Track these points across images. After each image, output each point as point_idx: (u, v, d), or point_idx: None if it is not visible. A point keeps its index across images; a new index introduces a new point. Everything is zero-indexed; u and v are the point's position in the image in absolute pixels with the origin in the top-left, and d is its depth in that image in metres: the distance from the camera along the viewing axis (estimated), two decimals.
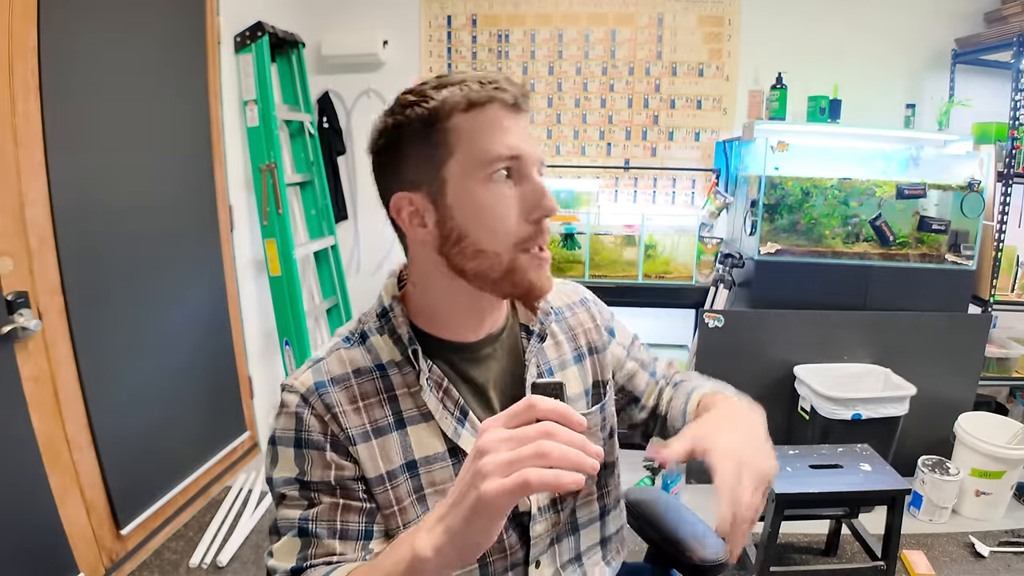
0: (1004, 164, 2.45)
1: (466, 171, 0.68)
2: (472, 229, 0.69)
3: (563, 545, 0.84)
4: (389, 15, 3.01)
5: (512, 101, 0.68)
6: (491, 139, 0.67)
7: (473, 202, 0.68)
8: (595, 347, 0.90)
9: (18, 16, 1.53)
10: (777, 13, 2.87)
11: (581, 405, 0.86)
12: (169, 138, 2.13)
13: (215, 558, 1.99)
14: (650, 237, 2.80)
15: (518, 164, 0.69)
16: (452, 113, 0.68)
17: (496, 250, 0.69)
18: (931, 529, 2.21)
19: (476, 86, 0.68)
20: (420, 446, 0.73)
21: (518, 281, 0.70)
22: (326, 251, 3.01)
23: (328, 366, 0.74)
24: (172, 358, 2.14)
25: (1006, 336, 2.73)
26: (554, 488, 0.48)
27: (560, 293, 0.91)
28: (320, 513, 0.69)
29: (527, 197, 0.69)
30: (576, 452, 0.49)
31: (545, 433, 0.50)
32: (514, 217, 0.69)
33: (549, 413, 0.51)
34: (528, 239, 0.69)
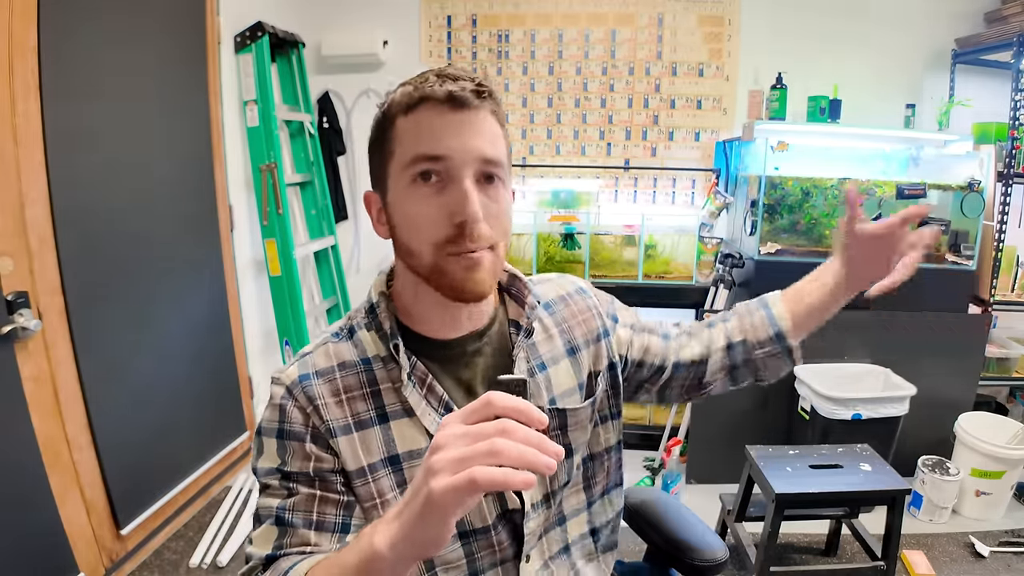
0: (1004, 164, 2.45)
1: (396, 173, 0.70)
2: (403, 231, 0.71)
3: (550, 536, 0.84)
4: (389, 15, 3.01)
5: (445, 96, 0.66)
6: (415, 141, 0.67)
7: (399, 204, 0.70)
8: (591, 337, 0.88)
9: (18, 16, 1.53)
10: (777, 13, 2.87)
11: (574, 399, 0.84)
12: (169, 138, 2.13)
13: (215, 558, 1.99)
14: (650, 237, 2.80)
15: (443, 165, 0.67)
16: (396, 115, 0.69)
17: (419, 250, 0.69)
18: (931, 529, 2.21)
19: (410, 87, 0.68)
20: (403, 441, 0.74)
21: (445, 282, 0.69)
22: (326, 251, 3.01)
23: (314, 359, 0.75)
24: (172, 358, 2.14)
25: (1006, 336, 2.73)
26: (503, 487, 0.47)
27: (554, 286, 0.90)
28: (297, 503, 0.70)
29: (450, 202, 0.67)
30: (531, 451, 0.48)
31: (501, 431, 0.49)
32: (433, 220, 0.67)
33: (508, 410, 0.50)
34: (449, 241, 0.68)
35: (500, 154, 0.70)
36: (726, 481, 2.40)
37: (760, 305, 0.93)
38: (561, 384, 0.83)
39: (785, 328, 0.89)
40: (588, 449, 0.88)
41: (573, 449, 0.84)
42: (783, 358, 0.91)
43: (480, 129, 0.68)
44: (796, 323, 0.90)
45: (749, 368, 0.92)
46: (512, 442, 0.48)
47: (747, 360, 0.92)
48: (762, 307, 0.92)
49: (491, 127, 0.69)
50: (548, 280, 0.91)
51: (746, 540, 1.90)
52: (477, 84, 0.68)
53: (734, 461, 2.04)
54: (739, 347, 0.91)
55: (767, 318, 0.90)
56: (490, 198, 0.69)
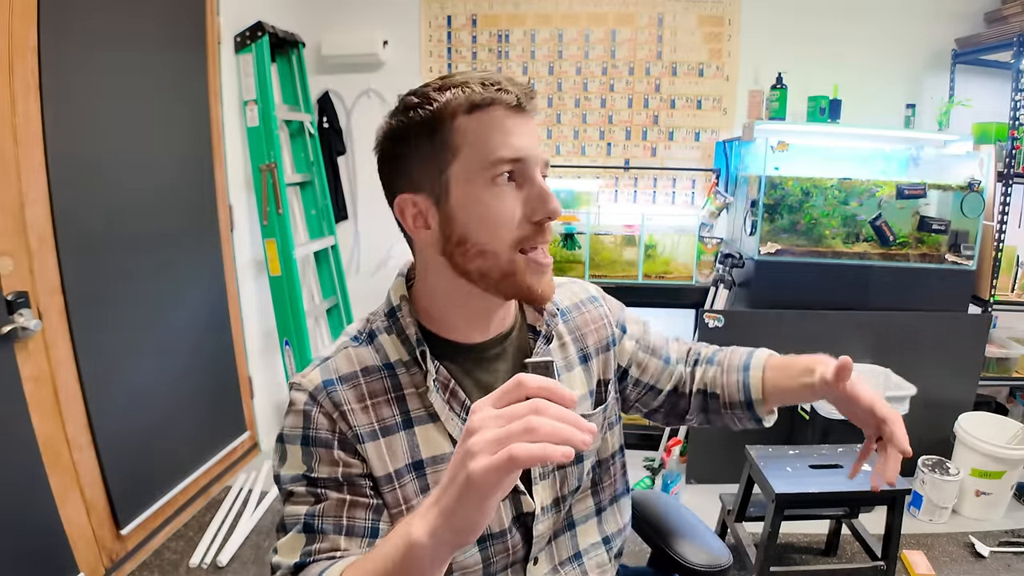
0: (1004, 164, 2.45)
1: (469, 174, 0.68)
2: (474, 231, 0.69)
3: (560, 542, 0.84)
4: (389, 15, 3.00)
5: (515, 102, 0.68)
6: (494, 141, 0.67)
7: (476, 205, 0.69)
8: (601, 346, 0.89)
9: (18, 16, 1.53)
10: (777, 13, 2.87)
11: (585, 407, 0.85)
12: (169, 138, 2.13)
13: (215, 558, 1.99)
14: (650, 237, 2.80)
15: (521, 166, 0.69)
16: (455, 115, 0.68)
17: (496, 250, 0.69)
18: (931, 529, 2.21)
19: (478, 87, 0.67)
20: (428, 446, 0.74)
21: (517, 284, 0.70)
22: (326, 251, 3.01)
23: (336, 364, 0.74)
24: (172, 358, 2.14)
25: (1006, 336, 2.73)
26: (542, 460, 0.47)
27: (568, 292, 0.91)
28: (326, 509, 0.69)
29: (530, 199, 0.69)
30: (565, 427, 0.49)
31: (534, 410, 0.49)
32: (516, 219, 0.69)
33: (539, 390, 0.51)
34: (527, 239, 0.70)
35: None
36: (726, 481, 2.40)
37: (741, 367, 0.93)
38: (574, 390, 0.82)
39: (755, 398, 0.90)
40: (597, 455, 0.89)
41: (584, 456, 0.84)
42: (751, 422, 0.93)
43: (534, 132, 0.72)
44: (770, 397, 0.90)
45: (721, 419, 0.95)
46: (546, 419, 0.49)
47: (718, 413, 0.94)
48: (742, 370, 0.92)
49: (537, 130, 0.73)
50: (561, 285, 0.91)
51: (746, 540, 1.90)
52: (530, 91, 0.71)
53: (734, 461, 2.04)
54: (712, 400, 0.94)
55: (741, 384, 0.91)
56: None
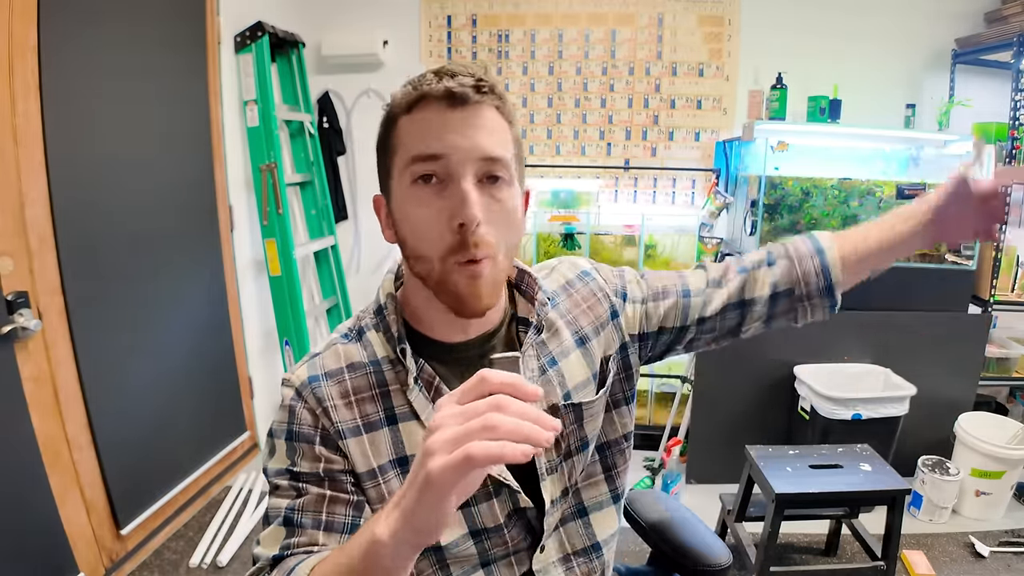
0: (1004, 164, 2.45)
1: (398, 174, 0.68)
2: (406, 235, 0.69)
3: (569, 529, 0.82)
4: (389, 15, 3.00)
5: (443, 93, 0.64)
6: (414, 140, 0.65)
7: (402, 207, 0.68)
8: (600, 322, 0.84)
9: (18, 16, 1.53)
10: (777, 13, 2.87)
11: (588, 392, 0.81)
12: (169, 138, 2.13)
13: (215, 558, 1.99)
14: (650, 237, 2.80)
15: (442, 164, 0.64)
16: (398, 116, 0.68)
17: (427, 256, 0.67)
18: (931, 529, 2.21)
19: (410, 87, 0.66)
20: (412, 443, 0.73)
21: (449, 292, 0.67)
22: (326, 251, 3.01)
23: (323, 360, 0.75)
24: (172, 358, 2.14)
25: (1006, 336, 2.73)
26: (499, 460, 0.46)
27: (556, 276, 0.86)
28: (306, 504, 0.70)
29: (450, 205, 0.64)
30: (527, 424, 0.47)
31: (494, 406, 0.48)
32: (434, 225, 0.65)
33: (501, 386, 0.49)
34: (452, 250, 0.65)
35: (503, 152, 0.66)
36: (726, 481, 2.40)
37: (813, 250, 0.85)
38: (574, 377, 0.80)
39: (836, 279, 0.84)
40: (604, 436, 0.85)
41: (589, 441, 0.82)
42: (827, 311, 0.87)
43: (481, 126, 0.65)
44: (848, 271, 0.84)
45: (788, 317, 0.87)
46: (507, 416, 0.47)
47: (790, 309, 0.86)
48: (816, 252, 0.85)
49: (494, 123, 0.66)
50: (552, 270, 0.88)
51: (746, 540, 1.90)
52: (477, 80, 0.65)
53: (734, 461, 2.04)
54: (784, 298, 0.85)
55: (821, 268, 0.84)
56: (494, 198, 0.66)
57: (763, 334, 0.90)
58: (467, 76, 0.65)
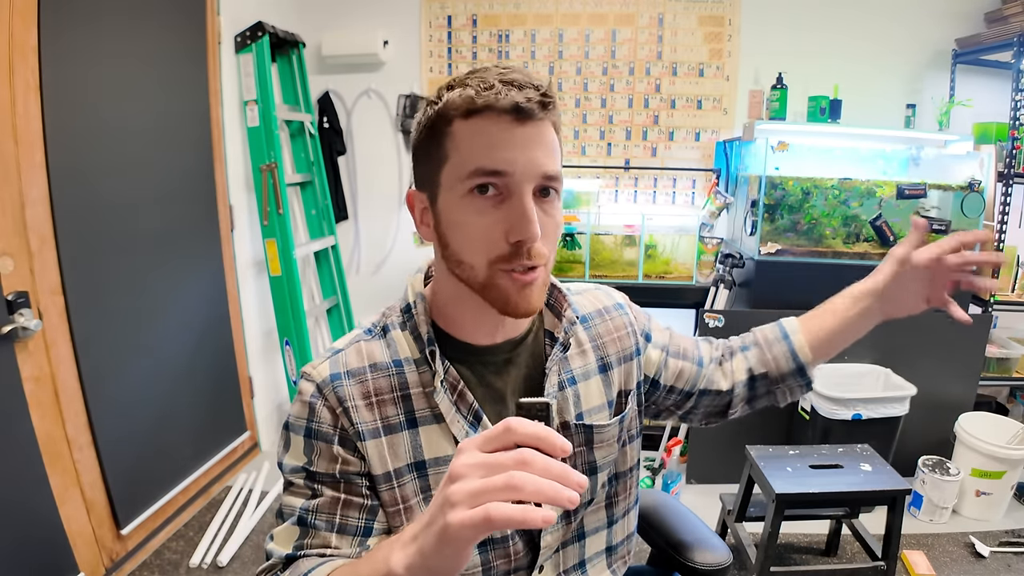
0: (1004, 164, 2.45)
1: (451, 180, 0.66)
2: (453, 240, 0.68)
3: (568, 551, 0.83)
4: (389, 15, 3.01)
5: (510, 107, 0.63)
6: (476, 151, 0.64)
7: (454, 214, 0.67)
8: (625, 355, 0.86)
9: (19, 16, 1.53)
10: (777, 13, 2.87)
11: (602, 416, 0.82)
12: (169, 138, 2.13)
13: (215, 558, 1.99)
14: (650, 237, 2.80)
15: (504, 181, 0.64)
16: (452, 118, 0.65)
17: (471, 263, 0.67)
18: (931, 529, 2.21)
19: (474, 91, 0.64)
20: (430, 447, 0.73)
21: (496, 297, 0.68)
22: (326, 251, 3.01)
23: (346, 358, 0.74)
24: (172, 358, 2.14)
25: (1006, 336, 2.73)
26: (520, 525, 0.45)
27: (591, 299, 0.88)
28: (321, 505, 0.70)
29: (509, 218, 0.64)
30: (551, 485, 0.45)
31: (520, 462, 0.46)
32: (489, 235, 0.65)
33: (529, 438, 0.47)
34: (504, 259, 0.66)
35: (559, 168, 0.67)
36: (726, 481, 2.40)
37: (780, 335, 0.91)
38: (591, 400, 0.81)
39: (806, 361, 0.89)
40: (615, 468, 0.86)
41: (598, 467, 0.82)
42: (803, 389, 0.92)
43: (542, 142, 0.65)
44: (816, 353, 0.89)
45: (769, 398, 0.94)
46: (531, 475, 0.45)
47: (769, 392, 0.92)
48: (782, 338, 0.90)
49: (551, 139, 0.67)
50: (586, 291, 0.89)
51: (746, 540, 1.90)
52: (543, 94, 0.65)
53: (734, 461, 2.04)
54: (761, 380, 0.91)
55: (788, 352, 0.89)
56: (546, 213, 0.67)
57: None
58: (533, 89, 0.64)
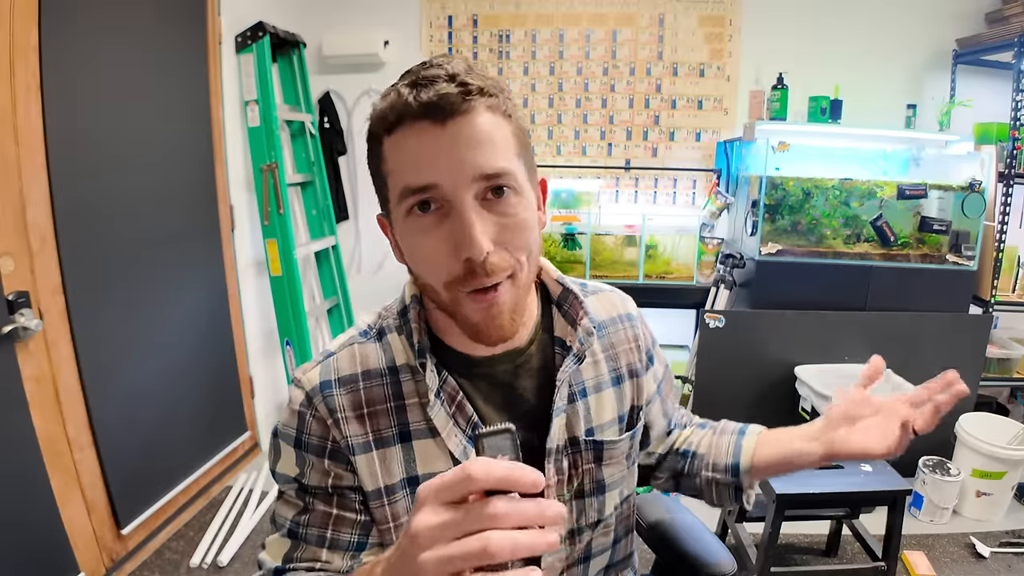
0: (1005, 164, 2.45)
1: (393, 203, 0.62)
2: (410, 262, 0.65)
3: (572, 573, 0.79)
4: (390, 15, 3.01)
5: (422, 110, 0.56)
6: (402, 168, 0.59)
7: (402, 236, 0.63)
8: (634, 369, 0.81)
9: (19, 16, 1.53)
10: (778, 13, 2.87)
11: (613, 432, 0.77)
12: (170, 138, 2.13)
13: (216, 558, 1.99)
14: (651, 237, 2.80)
15: (437, 193, 0.58)
16: (381, 136, 0.61)
17: (433, 286, 0.62)
18: (932, 530, 2.21)
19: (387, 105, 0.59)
20: (424, 462, 0.69)
21: (463, 324, 0.63)
22: (327, 251, 3.01)
23: (338, 363, 0.70)
24: (173, 358, 2.14)
25: (1007, 337, 2.73)
26: None
27: (606, 303, 0.82)
28: (312, 519, 0.68)
29: (451, 234, 0.58)
30: (529, 537, 0.40)
31: (490, 518, 0.41)
32: (438, 256, 0.60)
33: (495, 485, 0.41)
34: (459, 281, 0.60)
35: (504, 161, 0.59)
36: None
37: (737, 431, 0.87)
38: (603, 415, 0.76)
39: (743, 465, 0.82)
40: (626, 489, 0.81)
41: (607, 485, 0.76)
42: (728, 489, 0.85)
43: (473, 138, 0.57)
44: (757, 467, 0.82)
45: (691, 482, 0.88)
46: (506, 533, 0.40)
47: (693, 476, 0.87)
48: (737, 433, 0.86)
49: (489, 129, 0.58)
50: (600, 292, 0.83)
51: (747, 541, 1.90)
52: (460, 83, 0.56)
53: None
54: (693, 460, 0.88)
55: (734, 446, 0.84)
56: (504, 215, 0.60)
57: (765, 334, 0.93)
58: (445, 81, 0.56)
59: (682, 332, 3.06)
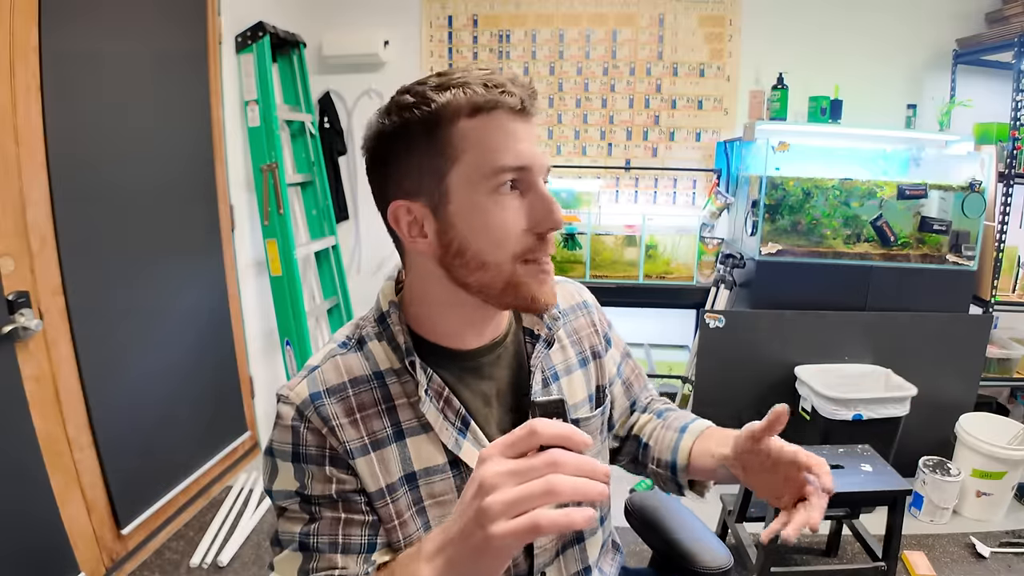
0: (1005, 164, 2.45)
1: (471, 181, 0.64)
2: (474, 241, 0.66)
3: (568, 556, 0.82)
4: (390, 15, 3.01)
5: (518, 105, 0.65)
6: (497, 148, 0.64)
7: (478, 214, 0.65)
8: (597, 352, 0.88)
9: (20, 16, 1.53)
10: (778, 13, 2.87)
11: (585, 410, 0.84)
12: (170, 138, 2.13)
13: (216, 558, 1.99)
14: (651, 237, 2.80)
15: (525, 174, 0.65)
16: (455, 119, 0.63)
17: (497, 261, 0.66)
18: (932, 530, 2.21)
19: (480, 89, 0.63)
20: (420, 458, 0.71)
21: (520, 294, 0.68)
22: (327, 251, 3.01)
23: (324, 375, 0.71)
24: (173, 358, 2.14)
25: (1007, 337, 2.73)
26: (567, 528, 0.46)
27: (564, 293, 0.89)
28: (321, 528, 0.68)
29: (534, 209, 0.66)
30: (586, 482, 0.47)
31: (552, 464, 0.47)
32: (519, 230, 0.66)
33: (554, 439, 0.48)
34: (529, 251, 0.67)
35: None
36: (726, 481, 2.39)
37: (679, 428, 0.89)
38: (575, 394, 0.82)
39: (680, 463, 0.85)
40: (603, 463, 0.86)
41: None
42: (674, 487, 0.89)
43: (537, 137, 0.69)
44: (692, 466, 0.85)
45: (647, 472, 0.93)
46: (567, 477, 0.46)
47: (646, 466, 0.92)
48: (679, 431, 0.88)
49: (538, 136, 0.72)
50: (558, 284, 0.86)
51: (747, 541, 1.90)
52: (533, 92, 0.67)
53: None
54: (644, 451, 0.93)
55: (672, 444, 0.87)
56: None
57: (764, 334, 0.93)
58: (527, 88, 0.66)
59: (682, 332, 3.06)
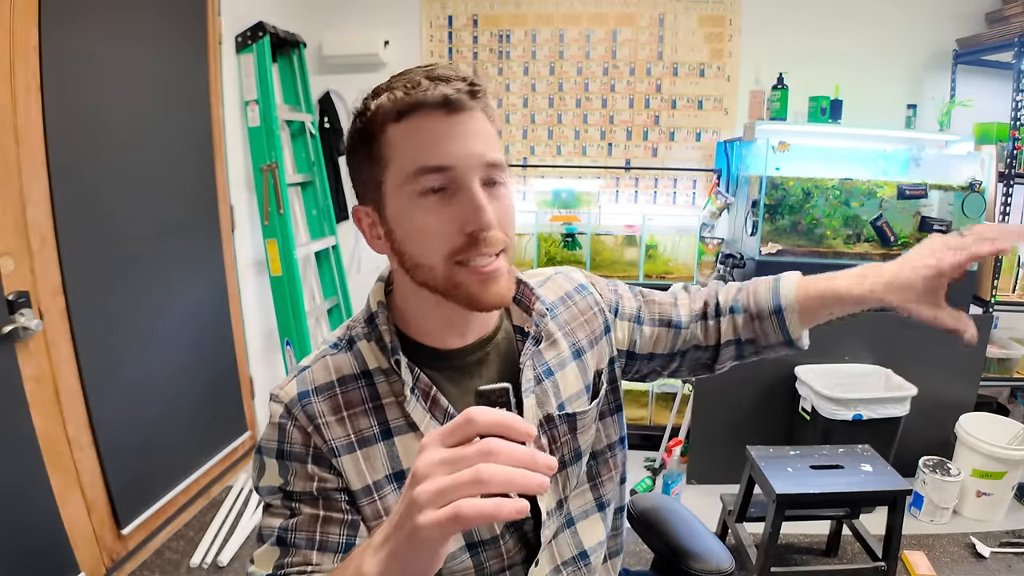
0: (1005, 165, 2.45)
1: (397, 185, 0.66)
2: (407, 244, 0.67)
3: (560, 541, 0.82)
4: (390, 15, 3.01)
5: (441, 101, 0.63)
6: (415, 150, 0.64)
7: (406, 217, 0.66)
8: (595, 336, 0.86)
9: (20, 16, 1.53)
10: (778, 13, 2.87)
11: (582, 402, 0.82)
12: (170, 138, 2.13)
13: (216, 558, 1.99)
14: (651, 237, 2.80)
15: (451, 175, 0.64)
16: (384, 125, 0.65)
17: (431, 264, 0.66)
18: (932, 530, 2.21)
19: (401, 93, 0.64)
20: (408, 456, 0.72)
21: (461, 295, 0.67)
22: (327, 251, 3.01)
23: (313, 375, 0.73)
24: (173, 358, 2.14)
25: (1007, 337, 2.73)
26: (492, 519, 0.44)
27: (553, 286, 0.87)
28: (299, 524, 0.69)
29: (460, 211, 0.64)
30: (520, 473, 0.44)
31: (484, 453, 0.45)
32: (443, 232, 0.65)
33: (491, 427, 0.46)
34: (461, 251, 0.65)
35: (500, 155, 0.68)
36: (727, 481, 2.40)
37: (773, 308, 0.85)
38: (569, 388, 0.81)
39: (795, 336, 0.84)
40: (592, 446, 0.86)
41: (582, 452, 0.82)
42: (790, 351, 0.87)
43: (478, 132, 0.65)
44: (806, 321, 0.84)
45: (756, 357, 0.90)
46: (498, 466, 0.44)
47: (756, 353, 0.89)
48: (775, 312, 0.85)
49: (487, 127, 0.67)
50: (548, 279, 0.88)
51: (747, 541, 1.90)
52: (470, 84, 0.64)
53: (735, 461, 2.04)
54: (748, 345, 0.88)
55: (779, 328, 0.84)
56: (497, 199, 0.67)
57: None
58: (459, 80, 0.64)
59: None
